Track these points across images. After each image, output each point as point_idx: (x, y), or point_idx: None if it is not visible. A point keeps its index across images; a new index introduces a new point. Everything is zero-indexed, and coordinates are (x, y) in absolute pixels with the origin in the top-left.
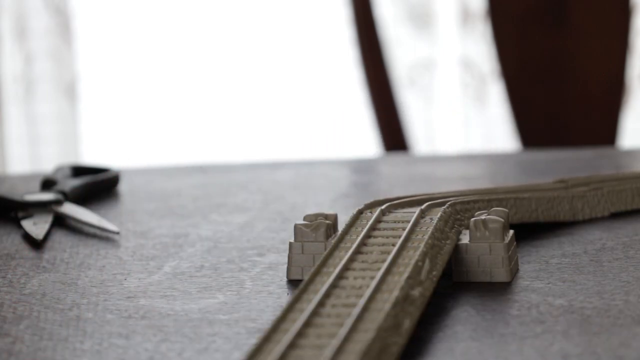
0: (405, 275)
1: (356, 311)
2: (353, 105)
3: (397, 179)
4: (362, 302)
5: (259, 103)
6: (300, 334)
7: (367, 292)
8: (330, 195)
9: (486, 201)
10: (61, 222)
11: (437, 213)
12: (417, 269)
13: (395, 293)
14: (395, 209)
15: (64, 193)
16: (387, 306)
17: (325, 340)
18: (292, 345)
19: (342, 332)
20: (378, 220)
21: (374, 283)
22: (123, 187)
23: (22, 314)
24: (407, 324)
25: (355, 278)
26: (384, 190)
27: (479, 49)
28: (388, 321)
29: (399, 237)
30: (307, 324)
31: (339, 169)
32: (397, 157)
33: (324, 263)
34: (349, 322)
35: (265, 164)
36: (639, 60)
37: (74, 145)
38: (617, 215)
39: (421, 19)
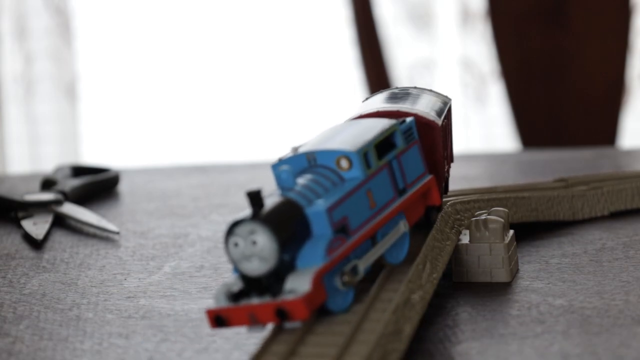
0: (406, 279)
1: (356, 318)
2: (353, 105)
3: None
4: (362, 308)
5: (259, 103)
6: (300, 341)
7: (368, 298)
8: None
9: (486, 201)
10: (61, 222)
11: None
12: (417, 272)
13: (396, 298)
14: None
15: (64, 193)
16: (388, 312)
17: (325, 349)
18: (292, 353)
19: (343, 339)
20: None
21: (374, 288)
22: (123, 187)
23: (22, 314)
24: (408, 329)
25: None
26: None
27: (479, 49)
28: (388, 327)
29: None
30: (307, 330)
31: None
32: None
33: None
34: (349, 330)
35: (265, 164)
36: (639, 60)
37: (74, 145)
38: (617, 215)
39: (421, 19)
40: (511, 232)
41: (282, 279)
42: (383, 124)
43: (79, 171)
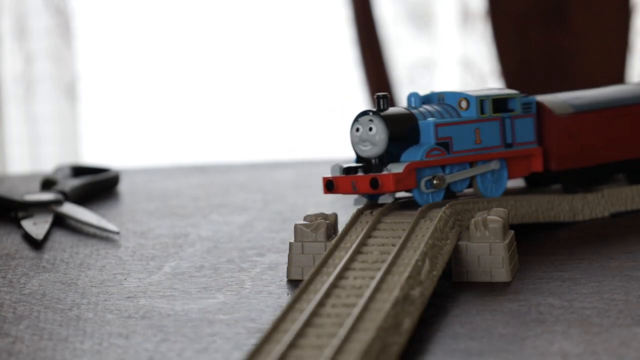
0: (405, 275)
1: (356, 311)
2: (353, 105)
3: None
4: (362, 302)
5: (259, 103)
6: (300, 333)
7: (367, 292)
8: (330, 195)
9: (486, 201)
10: (61, 222)
11: (437, 213)
12: (417, 269)
13: (395, 293)
14: (396, 209)
15: (64, 193)
16: (387, 306)
17: (325, 340)
18: (292, 345)
19: (342, 332)
20: (378, 221)
21: (374, 283)
22: (123, 187)
23: (22, 314)
24: (407, 323)
25: (355, 278)
26: None
27: (479, 49)
28: (388, 321)
29: (399, 237)
30: (307, 323)
31: None
32: None
33: (324, 263)
34: (349, 322)
35: (265, 164)
36: (639, 60)
37: (74, 145)
38: (617, 217)
39: (421, 19)
40: (511, 232)
41: (386, 165)
42: (507, 90)
43: (79, 171)
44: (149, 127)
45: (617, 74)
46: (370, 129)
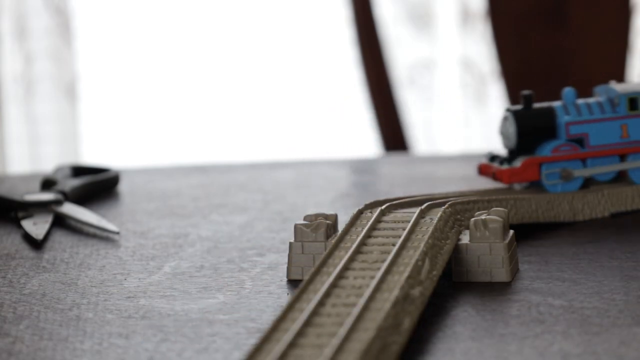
0: (405, 274)
1: (356, 310)
2: (353, 105)
3: (397, 179)
4: (362, 301)
5: (259, 103)
6: (300, 333)
7: (367, 292)
8: (330, 195)
9: (486, 201)
10: (61, 222)
11: (437, 213)
12: (417, 268)
13: (395, 292)
14: (395, 209)
15: (64, 193)
16: (387, 305)
17: (325, 340)
18: (292, 344)
19: (342, 331)
20: (378, 220)
21: (374, 283)
22: (123, 187)
23: (22, 314)
24: (407, 323)
25: (355, 278)
26: (384, 190)
27: (479, 49)
28: (388, 320)
29: (399, 237)
30: (307, 323)
31: (339, 169)
32: (397, 157)
33: (324, 263)
34: (349, 322)
35: (265, 164)
36: (639, 60)
37: (74, 145)
38: (617, 216)
39: (421, 19)
40: (511, 232)
41: (517, 157)
42: None
43: (79, 171)
44: (149, 127)
45: (617, 74)
46: (505, 125)
